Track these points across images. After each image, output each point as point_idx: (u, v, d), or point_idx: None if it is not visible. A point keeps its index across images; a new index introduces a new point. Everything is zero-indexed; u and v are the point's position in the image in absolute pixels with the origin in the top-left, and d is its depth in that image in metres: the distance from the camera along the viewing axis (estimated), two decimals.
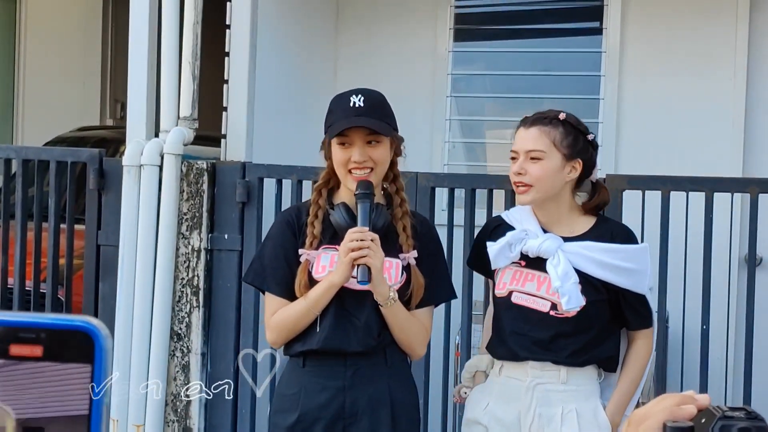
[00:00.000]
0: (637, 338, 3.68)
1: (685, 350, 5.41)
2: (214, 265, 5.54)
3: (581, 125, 3.63)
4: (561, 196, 3.61)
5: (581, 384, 3.62)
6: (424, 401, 5.10)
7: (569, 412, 3.58)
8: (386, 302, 3.49)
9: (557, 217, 3.64)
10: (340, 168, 3.54)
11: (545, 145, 3.55)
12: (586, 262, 3.56)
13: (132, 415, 5.47)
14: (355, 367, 3.56)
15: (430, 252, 3.64)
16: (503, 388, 3.67)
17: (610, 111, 6.57)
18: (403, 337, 3.58)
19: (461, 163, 6.82)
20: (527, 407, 3.61)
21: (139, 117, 5.72)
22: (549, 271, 3.55)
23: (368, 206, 3.48)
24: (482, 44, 7.00)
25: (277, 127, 6.16)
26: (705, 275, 4.85)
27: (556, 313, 3.56)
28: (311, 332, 3.56)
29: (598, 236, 3.62)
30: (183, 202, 5.53)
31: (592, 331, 3.60)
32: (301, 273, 3.54)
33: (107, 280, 5.63)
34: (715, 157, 6.31)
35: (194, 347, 5.53)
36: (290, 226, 3.63)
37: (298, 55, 6.62)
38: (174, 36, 5.61)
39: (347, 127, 3.49)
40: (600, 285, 3.58)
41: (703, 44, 6.48)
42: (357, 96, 3.55)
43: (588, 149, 3.61)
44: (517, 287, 3.62)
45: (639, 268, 3.63)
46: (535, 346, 3.60)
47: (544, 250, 3.56)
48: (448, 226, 5.16)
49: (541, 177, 3.54)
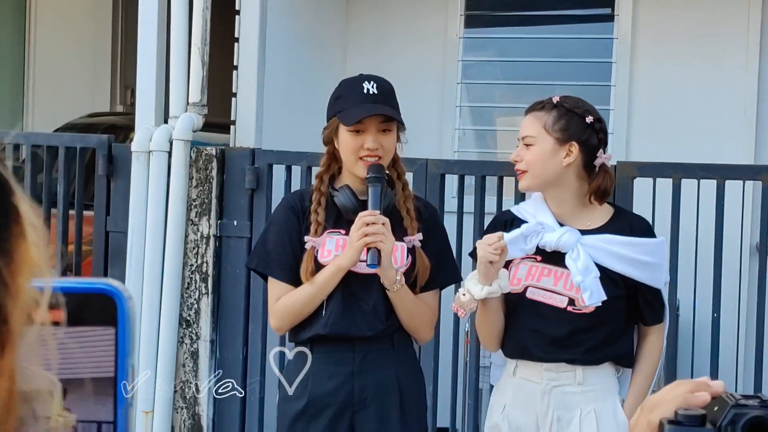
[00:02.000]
0: (650, 333, 3.60)
1: (695, 339, 5.39)
2: (223, 252, 5.53)
3: (580, 108, 3.54)
4: (563, 182, 3.52)
5: (598, 383, 3.53)
6: (433, 388, 5.10)
7: (588, 414, 3.51)
8: (393, 286, 3.48)
9: (569, 208, 3.55)
10: (351, 155, 3.51)
11: (536, 130, 3.51)
12: (605, 255, 3.48)
13: (141, 402, 5.47)
14: (363, 353, 3.55)
15: (434, 235, 3.63)
16: (518, 390, 3.58)
17: (621, 98, 6.54)
18: (409, 321, 3.57)
19: (471, 150, 6.80)
20: (545, 411, 3.52)
21: (149, 103, 5.71)
22: (569, 265, 3.46)
23: (380, 190, 3.46)
24: (493, 30, 6.98)
25: (287, 113, 6.14)
26: (716, 263, 4.82)
27: (573, 308, 3.48)
28: (318, 318, 3.55)
29: (617, 229, 3.54)
30: (192, 188, 5.52)
31: (609, 326, 3.52)
32: (308, 260, 3.53)
33: (116, 266, 5.63)
34: (727, 144, 6.28)
35: (203, 334, 5.52)
36: (294, 210, 3.61)
37: (308, 41, 6.60)
38: (183, 22, 5.60)
39: (366, 116, 3.47)
40: (619, 279, 3.51)
41: (714, 31, 6.44)
42: (369, 83, 3.53)
43: (585, 132, 3.51)
44: (533, 282, 3.53)
45: (658, 262, 3.56)
46: (552, 344, 3.51)
47: (563, 243, 3.48)
48: (458, 213, 5.15)
49: (532, 162, 3.50)
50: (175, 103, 5.62)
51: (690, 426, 1.27)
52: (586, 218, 3.56)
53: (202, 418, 5.54)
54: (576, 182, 3.54)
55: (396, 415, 3.57)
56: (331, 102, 3.61)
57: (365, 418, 3.56)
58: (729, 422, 1.26)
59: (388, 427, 3.57)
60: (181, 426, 5.55)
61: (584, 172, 3.54)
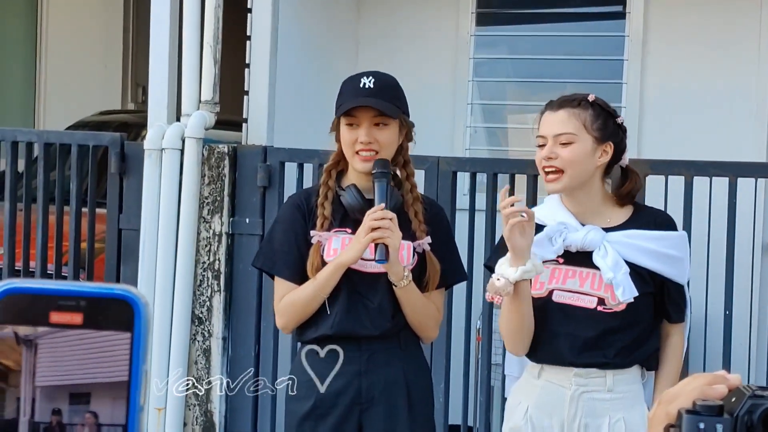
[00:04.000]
0: (674, 333, 3.52)
1: (707, 336, 5.39)
2: (235, 249, 5.54)
3: (610, 108, 3.48)
4: (591, 183, 3.43)
5: (627, 390, 3.44)
6: (445, 385, 5.10)
7: (617, 422, 3.41)
8: (400, 282, 3.48)
9: (590, 207, 3.46)
10: (348, 148, 3.53)
11: (575, 128, 3.37)
12: (632, 251, 3.40)
13: (153, 399, 5.48)
14: (370, 352, 3.55)
15: (440, 235, 3.63)
16: (544, 394, 3.46)
17: (633, 96, 6.53)
18: (416, 319, 3.57)
19: (483, 148, 6.80)
20: (572, 417, 3.42)
21: (161, 101, 5.73)
22: (597, 263, 3.37)
23: (386, 185, 3.46)
24: (504, 28, 6.98)
25: (299, 111, 6.15)
26: (728, 261, 4.82)
27: (604, 308, 3.39)
28: (324, 317, 3.56)
29: (641, 224, 3.46)
30: (204, 186, 5.53)
31: (640, 325, 3.43)
32: (314, 254, 3.53)
33: (128, 263, 5.65)
34: (739, 142, 6.27)
35: (215, 331, 5.53)
36: (300, 209, 3.61)
37: (320, 39, 6.60)
38: (195, 19, 5.61)
39: (353, 107, 3.49)
40: (647, 275, 3.42)
41: (726, 29, 6.43)
42: (367, 77, 3.55)
43: (618, 132, 3.45)
44: (558, 285, 3.43)
45: (682, 255, 3.50)
46: (584, 346, 3.40)
47: (589, 242, 3.38)
48: (470, 211, 5.15)
49: (573, 161, 3.36)
50: (187, 101, 5.64)
51: (707, 415, 1.28)
52: (606, 216, 3.48)
53: (214, 415, 5.55)
54: (599, 182, 3.48)
55: (404, 413, 3.57)
56: (337, 97, 3.64)
57: (373, 416, 3.56)
58: (746, 412, 1.27)
59: (396, 425, 3.57)
60: (194, 423, 5.57)
61: (603, 172, 3.48)
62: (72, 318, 0.98)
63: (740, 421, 1.27)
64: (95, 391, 0.99)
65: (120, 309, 0.99)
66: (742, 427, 1.27)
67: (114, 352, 0.98)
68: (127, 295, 0.99)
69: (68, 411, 0.98)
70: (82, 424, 0.98)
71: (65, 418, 0.98)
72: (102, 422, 0.98)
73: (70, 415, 0.98)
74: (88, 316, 0.98)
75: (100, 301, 0.99)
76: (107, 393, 0.99)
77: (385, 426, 3.55)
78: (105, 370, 0.99)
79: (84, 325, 0.98)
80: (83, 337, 0.98)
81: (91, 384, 0.99)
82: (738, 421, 1.27)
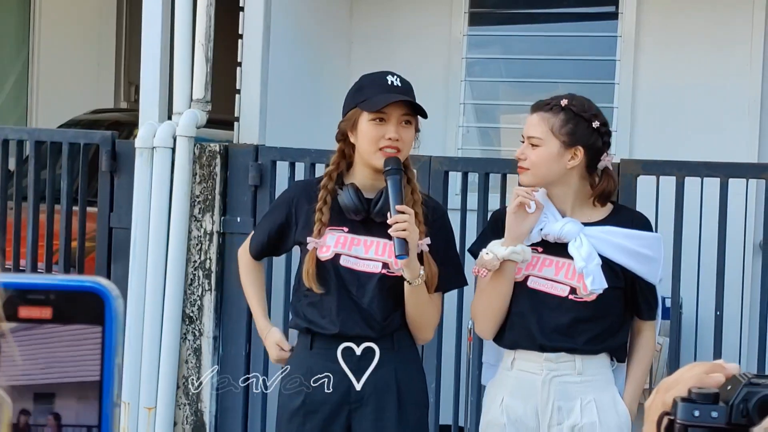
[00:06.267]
0: (645, 329, 3.69)
1: (698, 336, 5.39)
2: (227, 248, 5.53)
3: (587, 112, 3.58)
4: (567, 182, 3.59)
5: (597, 373, 3.60)
6: (435, 386, 5.10)
7: (588, 403, 3.56)
8: (415, 280, 3.48)
9: (569, 204, 3.61)
10: (371, 144, 3.51)
11: (542, 132, 3.55)
12: (607, 246, 3.55)
13: (143, 398, 5.48)
14: (362, 352, 3.55)
15: (441, 239, 3.63)
16: (517, 383, 3.62)
17: (625, 96, 6.53)
18: (418, 319, 3.57)
19: (475, 147, 6.80)
20: (545, 401, 3.57)
21: (152, 99, 5.71)
22: (572, 252, 3.53)
23: (398, 181, 3.46)
24: (497, 28, 6.97)
25: (291, 110, 6.14)
26: (719, 261, 4.82)
27: (575, 297, 3.54)
28: (316, 316, 3.56)
29: (618, 222, 3.61)
30: (195, 184, 5.53)
31: (609, 318, 3.59)
32: (309, 261, 3.54)
33: (119, 262, 5.64)
34: (731, 142, 6.28)
35: (206, 330, 5.52)
36: (289, 205, 3.71)
37: (312, 38, 6.60)
38: (187, 18, 5.60)
39: (392, 102, 3.48)
40: (619, 271, 3.57)
41: (719, 29, 6.43)
42: (393, 76, 3.59)
43: (592, 136, 3.56)
44: (534, 272, 3.59)
45: (655, 256, 3.64)
46: (554, 332, 3.56)
47: (566, 232, 3.55)
48: (462, 211, 5.14)
49: (537, 163, 3.55)
50: (178, 99, 5.63)
51: (703, 403, 1.28)
52: (587, 214, 3.63)
53: (204, 414, 5.54)
54: (579, 182, 3.62)
55: (393, 415, 3.56)
56: (351, 95, 3.62)
57: (362, 417, 3.55)
58: (741, 400, 1.27)
59: (385, 427, 3.56)
60: (184, 422, 5.56)
61: (587, 172, 3.62)
62: (41, 312, 0.96)
63: (735, 408, 1.27)
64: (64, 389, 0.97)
65: (90, 302, 0.97)
66: (738, 415, 1.27)
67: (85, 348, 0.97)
68: (98, 287, 0.97)
69: (36, 410, 0.97)
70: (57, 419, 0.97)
71: (33, 417, 0.97)
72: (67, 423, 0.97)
73: (35, 415, 0.97)
74: (58, 310, 0.96)
75: (70, 295, 0.97)
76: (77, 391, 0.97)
77: (373, 427, 3.55)
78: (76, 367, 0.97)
79: (54, 320, 0.97)
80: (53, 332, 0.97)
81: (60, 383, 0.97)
82: (733, 409, 1.27)
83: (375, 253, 3.55)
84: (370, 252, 3.55)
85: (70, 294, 0.97)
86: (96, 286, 0.98)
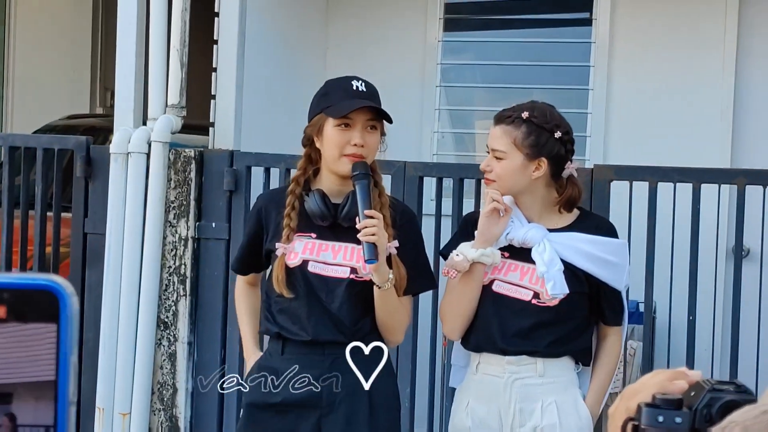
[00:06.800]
0: (610, 334, 3.72)
1: (671, 341, 5.42)
2: (202, 254, 5.53)
3: (549, 123, 3.60)
4: (533, 191, 3.62)
5: (558, 375, 3.63)
6: (410, 390, 5.11)
7: (549, 405, 3.60)
8: (385, 284, 3.48)
9: (535, 211, 3.64)
10: (336, 149, 3.52)
11: (506, 145, 3.57)
12: (571, 252, 3.58)
13: (118, 404, 5.47)
14: (333, 357, 3.55)
15: (410, 242, 3.63)
16: (481, 386, 3.66)
17: (599, 102, 6.57)
18: (389, 322, 3.57)
19: (450, 153, 6.81)
20: (507, 403, 3.61)
21: (127, 105, 5.71)
22: (534, 257, 3.56)
23: (366, 185, 3.47)
24: (472, 34, 6.99)
25: (266, 115, 6.15)
26: (692, 266, 4.85)
27: (538, 302, 3.58)
28: (287, 322, 3.57)
29: (582, 228, 3.64)
30: (170, 190, 5.52)
31: (572, 322, 3.62)
32: (278, 267, 3.55)
33: (94, 268, 5.62)
34: (704, 148, 6.31)
35: (181, 336, 5.52)
36: (259, 213, 3.71)
37: (288, 43, 6.60)
38: (162, 23, 5.60)
39: (357, 108, 3.49)
40: (583, 276, 3.60)
41: (692, 35, 6.47)
42: (358, 81, 3.57)
43: (554, 147, 3.58)
44: (499, 276, 3.62)
45: (620, 262, 3.66)
46: (515, 336, 3.60)
47: (529, 238, 3.58)
48: (436, 216, 5.16)
49: (502, 175, 3.58)
50: (153, 104, 5.62)
51: (667, 409, 1.30)
52: (553, 220, 3.66)
53: (179, 420, 5.54)
54: (544, 189, 3.65)
55: (365, 419, 3.56)
56: (316, 100, 3.62)
57: (332, 422, 3.55)
58: (705, 406, 1.29)
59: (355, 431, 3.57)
60: (159, 428, 5.55)
61: (552, 180, 3.64)
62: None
63: (699, 414, 1.29)
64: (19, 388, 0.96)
65: (45, 300, 0.96)
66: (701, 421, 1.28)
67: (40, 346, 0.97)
68: (52, 285, 0.97)
69: None
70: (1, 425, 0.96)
71: None
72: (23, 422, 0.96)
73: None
74: (12, 308, 0.96)
75: (25, 293, 0.97)
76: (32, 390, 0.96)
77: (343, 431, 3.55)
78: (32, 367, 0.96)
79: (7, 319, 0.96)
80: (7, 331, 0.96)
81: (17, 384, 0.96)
82: (697, 414, 1.29)
83: (343, 258, 3.55)
84: (338, 257, 3.55)
85: (25, 292, 0.97)
86: (50, 284, 0.97)
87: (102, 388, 5.45)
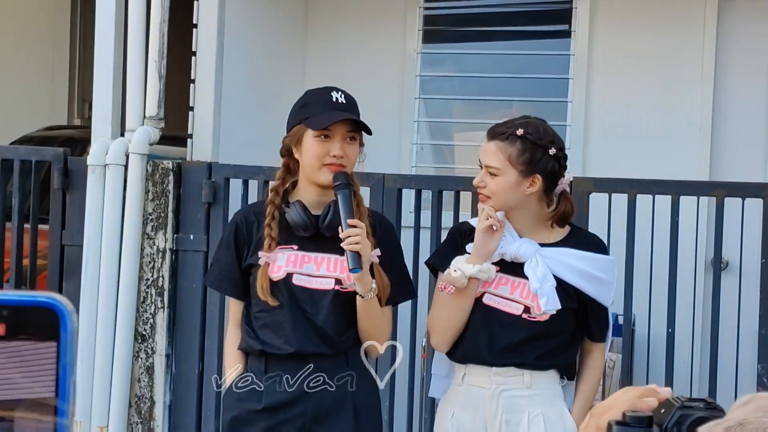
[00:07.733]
0: (594, 350, 3.73)
1: (651, 353, 5.42)
2: (180, 266, 5.51)
3: (543, 139, 3.60)
4: (527, 207, 3.63)
5: (545, 387, 3.63)
6: (389, 402, 5.09)
7: (536, 416, 3.60)
8: (367, 293, 3.48)
9: (528, 227, 3.65)
10: (316, 161, 3.51)
11: (500, 162, 3.56)
12: (562, 267, 3.59)
13: (95, 417, 5.44)
14: (318, 369, 3.54)
15: (389, 252, 3.64)
16: (467, 397, 3.66)
17: (578, 114, 6.57)
18: (371, 331, 3.58)
19: (429, 165, 6.81)
20: (493, 414, 3.60)
21: (105, 116, 5.69)
22: (527, 272, 3.56)
23: (349, 195, 3.46)
24: (451, 46, 7.00)
25: (244, 127, 6.14)
26: (671, 278, 4.85)
27: (528, 316, 3.58)
28: (271, 336, 3.55)
29: (574, 244, 3.65)
30: (148, 202, 5.50)
31: (559, 337, 3.62)
32: (262, 276, 3.53)
33: (71, 280, 5.60)
34: (683, 160, 6.33)
35: (159, 348, 5.49)
36: (239, 228, 3.65)
37: (267, 55, 6.60)
38: (140, 35, 5.59)
39: (336, 120, 3.48)
40: (572, 292, 3.61)
41: (671, 48, 6.49)
42: (337, 92, 3.56)
43: (549, 163, 3.59)
44: (489, 289, 3.62)
45: (608, 279, 3.68)
46: (504, 350, 3.60)
47: (522, 252, 3.58)
48: (415, 228, 5.15)
49: (497, 192, 3.57)
50: (131, 116, 5.61)
51: (637, 426, 1.29)
52: (544, 235, 3.66)
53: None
54: (537, 204, 3.65)
55: (351, 431, 3.57)
56: (295, 111, 3.62)
57: None
58: (675, 423, 1.29)
59: None
60: None
61: (545, 195, 3.65)
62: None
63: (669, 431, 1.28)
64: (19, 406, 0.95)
65: (45, 317, 0.96)
66: None
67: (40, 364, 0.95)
68: (52, 302, 0.96)
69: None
70: None
71: None
72: None
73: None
74: (12, 326, 0.95)
75: (24, 310, 0.96)
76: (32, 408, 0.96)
77: None
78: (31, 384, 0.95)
79: (7, 336, 0.95)
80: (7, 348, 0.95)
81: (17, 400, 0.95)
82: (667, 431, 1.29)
83: (327, 269, 3.55)
84: (322, 269, 3.55)
85: (25, 309, 0.96)
86: (51, 301, 0.96)
87: (79, 401, 5.42)
